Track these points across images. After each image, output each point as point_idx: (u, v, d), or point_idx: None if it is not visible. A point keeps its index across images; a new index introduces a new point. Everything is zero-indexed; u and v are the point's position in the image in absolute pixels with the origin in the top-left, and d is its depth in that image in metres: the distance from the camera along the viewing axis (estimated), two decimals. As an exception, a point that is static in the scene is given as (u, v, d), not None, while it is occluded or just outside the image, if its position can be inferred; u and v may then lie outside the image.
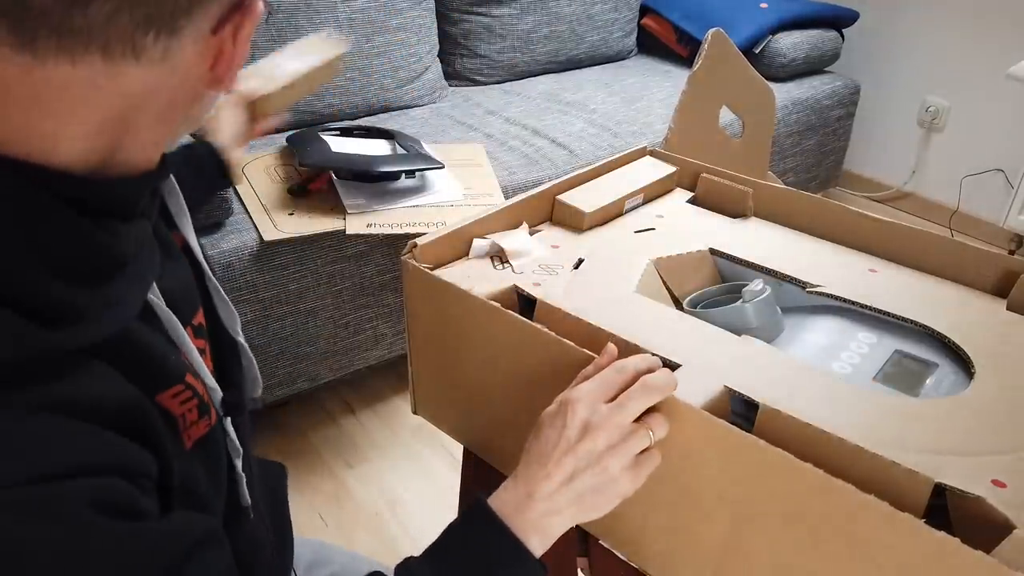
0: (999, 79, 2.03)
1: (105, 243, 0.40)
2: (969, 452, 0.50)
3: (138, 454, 0.40)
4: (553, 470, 0.51)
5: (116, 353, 0.41)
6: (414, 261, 0.69)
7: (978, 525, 0.46)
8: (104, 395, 0.39)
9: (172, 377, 0.46)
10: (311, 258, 1.33)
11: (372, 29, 1.74)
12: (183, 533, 0.41)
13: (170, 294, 0.48)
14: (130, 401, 0.40)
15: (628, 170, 0.88)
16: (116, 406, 0.39)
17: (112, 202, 0.41)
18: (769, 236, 0.80)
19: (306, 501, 1.41)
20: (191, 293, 0.53)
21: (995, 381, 0.58)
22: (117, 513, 0.37)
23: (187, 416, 0.47)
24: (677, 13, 2.20)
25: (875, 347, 0.65)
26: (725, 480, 0.53)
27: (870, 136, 2.45)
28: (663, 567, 0.60)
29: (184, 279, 0.53)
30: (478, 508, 0.53)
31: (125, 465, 0.38)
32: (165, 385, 0.45)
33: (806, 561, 0.50)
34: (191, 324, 0.52)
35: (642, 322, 0.63)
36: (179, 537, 0.40)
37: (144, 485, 0.40)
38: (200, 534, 0.42)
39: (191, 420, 0.48)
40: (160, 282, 0.47)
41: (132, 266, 0.42)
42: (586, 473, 0.51)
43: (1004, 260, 0.70)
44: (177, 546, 0.40)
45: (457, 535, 0.53)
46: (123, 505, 0.37)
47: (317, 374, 1.44)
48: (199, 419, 0.49)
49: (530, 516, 0.51)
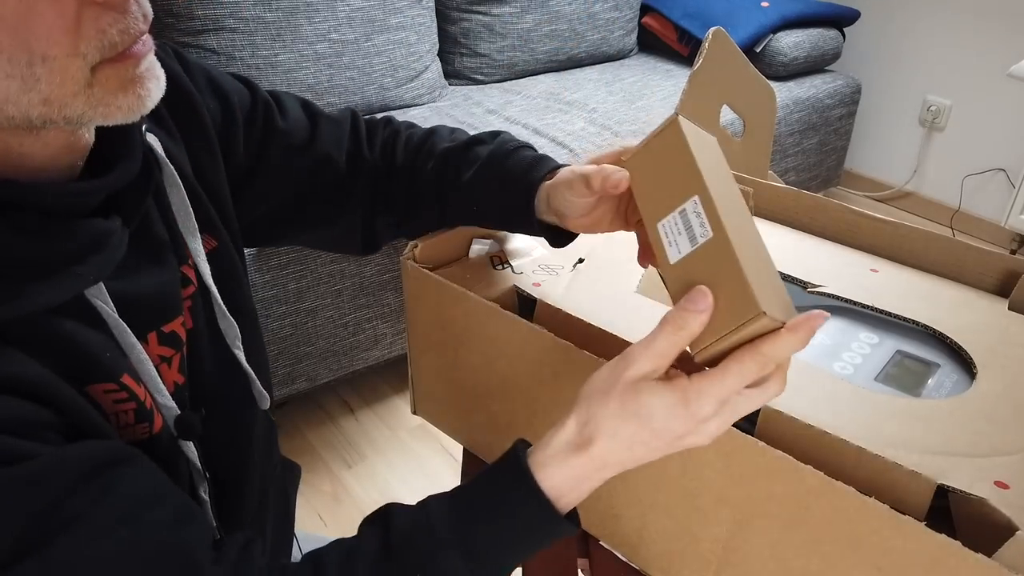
0: (1000, 78, 2.02)
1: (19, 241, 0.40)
2: (972, 453, 0.50)
3: (32, 411, 0.40)
4: (643, 455, 0.46)
5: (31, 342, 0.41)
6: (413, 261, 0.69)
7: (981, 527, 0.46)
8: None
9: (104, 373, 0.45)
10: (311, 258, 1.33)
11: (372, 28, 1.74)
12: (80, 457, 0.40)
13: (135, 297, 0.47)
14: (30, 378, 0.40)
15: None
16: (10, 381, 0.39)
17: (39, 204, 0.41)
18: (770, 236, 0.80)
19: (305, 501, 1.41)
20: (169, 300, 0.52)
21: (997, 381, 0.58)
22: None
23: (120, 416, 0.47)
24: (678, 12, 2.20)
25: (876, 347, 0.65)
26: (726, 482, 0.52)
27: (871, 135, 2.44)
28: (664, 569, 0.60)
29: (164, 285, 0.51)
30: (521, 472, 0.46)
31: (9, 420, 0.38)
32: (94, 379, 0.45)
33: (807, 563, 0.50)
34: (159, 330, 0.51)
35: (642, 322, 0.63)
36: (76, 460, 0.40)
37: (46, 437, 0.40)
38: (104, 457, 0.41)
39: (125, 422, 0.47)
40: (124, 283, 0.47)
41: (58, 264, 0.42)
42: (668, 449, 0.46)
43: (1006, 260, 0.70)
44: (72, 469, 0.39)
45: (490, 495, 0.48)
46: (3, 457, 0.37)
47: (316, 374, 1.44)
48: (135, 423, 0.47)
49: (590, 485, 0.47)
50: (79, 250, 0.43)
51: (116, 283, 0.46)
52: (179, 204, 0.54)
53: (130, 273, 0.47)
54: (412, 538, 0.46)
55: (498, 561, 0.47)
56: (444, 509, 0.48)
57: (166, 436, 0.50)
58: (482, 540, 0.46)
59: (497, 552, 0.47)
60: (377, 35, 1.75)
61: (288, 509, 0.74)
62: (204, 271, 0.55)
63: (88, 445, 0.41)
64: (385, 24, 1.76)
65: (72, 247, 0.42)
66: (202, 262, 0.55)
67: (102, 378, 0.45)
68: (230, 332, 0.58)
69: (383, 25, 1.76)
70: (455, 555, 0.45)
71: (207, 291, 0.56)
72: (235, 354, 0.59)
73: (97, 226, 0.44)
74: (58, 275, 0.42)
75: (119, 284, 0.46)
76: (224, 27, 1.54)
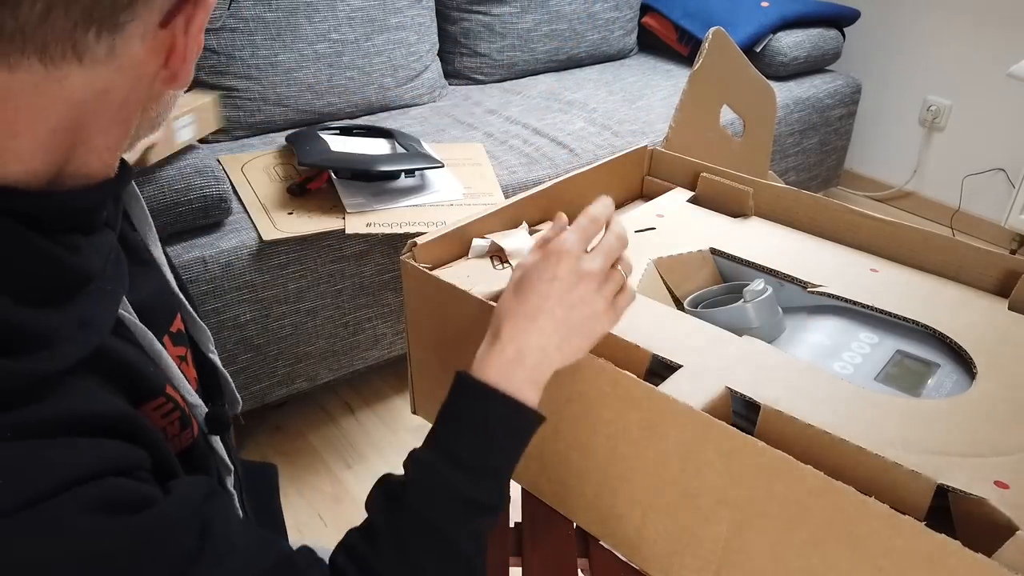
0: (1000, 78, 2.02)
1: (67, 260, 0.39)
2: (971, 453, 0.50)
3: (128, 450, 0.39)
4: (545, 322, 0.53)
5: (93, 369, 0.40)
6: (413, 261, 0.69)
7: (981, 527, 0.46)
8: (87, 411, 0.38)
9: (152, 390, 0.45)
10: (310, 258, 1.33)
11: (372, 27, 1.74)
12: (188, 498, 0.40)
13: (143, 303, 0.47)
14: (115, 413, 0.39)
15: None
16: (99, 419, 0.38)
17: (70, 216, 0.39)
18: (770, 236, 0.80)
19: (305, 501, 1.41)
20: (168, 299, 0.52)
21: (997, 381, 0.58)
22: (121, 510, 0.36)
23: (168, 430, 0.47)
24: (678, 12, 2.20)
25: (876, 347, 0.65)
26: (726, 481, 0.52)
27: (871, 135, 2.44)
28: (664, 568, 0.60)
29: (159, 285, 0.52)
30: (467, 384, 0.52)
31: (115, 463, 0.38)
32: (146, 398, 0.45)
33: (807, 563, 0.50)
34: (169, 332, 0.51)
35: (642, 322, 0.63)
36: (186, 503, 0.40)
37: (142, 476, 0.40)
38: (201, 493, 0.42)
39: (172, 433, 0.47)
40: (131, 292, 0.46)
41: (99, 281, 0.41)
42: (575, 318, 0.53)
43: (1005, 260, 0.70)
44: (188, 510, 0.39)
45: (454, 413, 0.52)
46: (125, 501, 0.37)
47: (316, 374, 1.44)
48: (181, 432, 0.48)
49: (523, 373, 0.52)
50: (105, 264, 0.42)
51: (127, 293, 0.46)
52: (139, 212, 0.53)
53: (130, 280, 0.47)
54: (411, 479, 0.50)
55: (487, 463, 0.51)
56: (423, 447, 0.52)
57: (200, 437, 0.51)
58: (462, 447, 0.51)
59: (480, 454, 0.51)
60: (377, 35, 1.75)
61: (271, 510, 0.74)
62: (169, 277, 0.55)
63: (182, 485, 0.42)
64: (385, 24, 1.76)
65: (100, 261, 0.41)
66: (166, 268, 0.55)
67: (152, 395, 0.45)
68: (202, 337, 0.58)
69: (383, 25, 1.76)
70: (449, 470, 0.49)
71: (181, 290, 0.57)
72: (211, 359, 0.59)
73: (110, 238, 0.43)
74: (102, 294, 0.41)
75: (128, 294, 0.46)
76: (224, 27, 1.54)
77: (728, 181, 0.85)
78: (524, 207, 0.79)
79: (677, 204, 0.86)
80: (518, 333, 0.53)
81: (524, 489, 0.70)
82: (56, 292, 0.38)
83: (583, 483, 0.63)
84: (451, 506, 0.49)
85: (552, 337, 0.53)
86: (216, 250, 1.24)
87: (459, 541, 0.49)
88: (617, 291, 0.55)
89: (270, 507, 0.74)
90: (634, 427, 0.56)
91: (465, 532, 0.49)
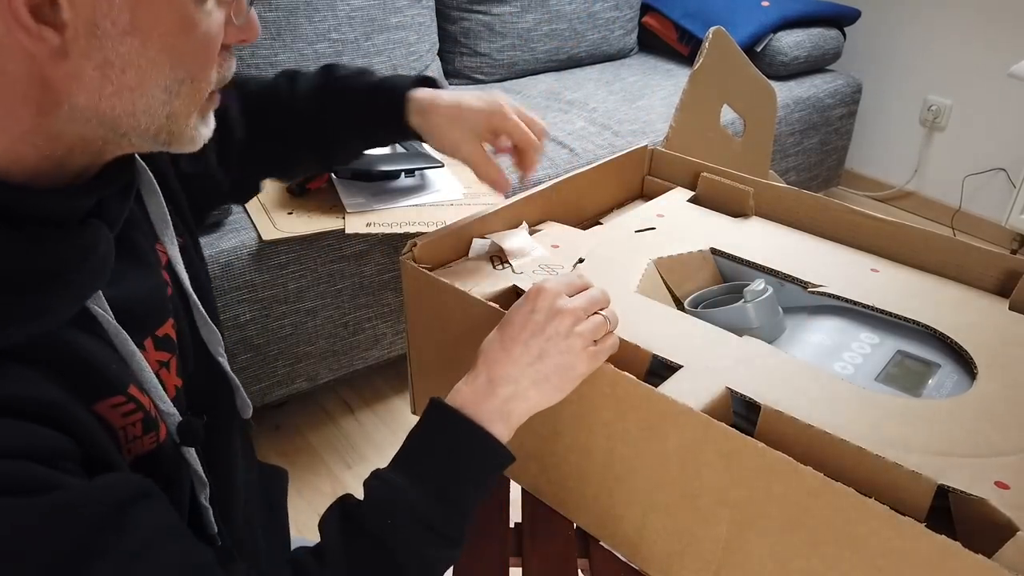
0: (1001, 78, 2.02)
1: (30, 252, 0.39)
2: (972, 453, 0.50)
3: (52, 438, 0.39)
4: (519, 353, 0.53)
5: (42, 359, 0.40)
6: (413, 261, 0.69)
7: (981, 527, 0.46)
8: (15, 394, 0.38)
9: (112, 387, 0.44)
10: (310, 257, 1.33)
11: (372, 27, 1.74)
12: (107, 490, 0.40)
13: (127, 302, 0.47)
14: (48, 400, 0.39)
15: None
16: (28, 404, 0.38)
17: (38, 210, 0.40)
18: (770, 236, 0.80)
19: (305, 501, 1.41)
20: (159, 303, 0.52)
21: (998, 381, 0.58)
22: (18, 492, 0.36)
23: (128, 430, 0.46)
24: (678, 11, 2.19)
25: (877, 347, 0.65)
26: (726, 482, 0.52)
27: (872, 135, 2.44)
28: (664, 569, 0.60)
29: (153, 288, 0.51)
30: (435, 407, 0.52)
31: (29, 447, 0.37)
32: (103, 394, 0.44)
33: (807, 564, 0.50)
34: (154, 335, 0.50)
35: (642, 322, 0.63)
36: (105, 495, 0.39)
37: (64, 466, 0.39)
38: (123, 493, 0.41)
39: (133, 434, 0.46)
40: (115, 289, 0.46)
41: (66, 275, 0.41)
42: (551, 353, 0.53)
43: (1006, 260, 0.70)
44: (104, 504, 0.39)
45: (420, 437, 0.52)
46: (31, 485, 0.37)
47: (316, 374, 1.44)
48: (143, 434, 0.47)
49: (493, 403, 0.52)
50: (78, 258, 0.42)
51: (108, 290, 0.45)
52: (156, 210, 0.53)
53: (119, 279, 0.46)
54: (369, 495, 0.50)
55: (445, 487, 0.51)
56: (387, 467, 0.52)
57: (169, 444, 0.50)
58: (423, 468, 0.51)
59: (439, 476, 0.51)
60: (377, 34, 1.75)
61: (277, 515, 0.73)
62: (183, 276, 0.55)
63: (111, 479, 0.41)
64: (385, 23, 1.76)
65: (72, 255, 0.41)
66: (180, 268, 0.55)
67: (110, 392, 0.44)
68: (212, 339, 0.58)
69: (383, 24, 1.76)
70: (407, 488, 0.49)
71: (184, 296, 0.56)
72: (219, 362, 0.59)
73: (92, 232, 0.43)
74: (64, 286, 0.41)
75: (111, 291, 0.45)
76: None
77: (728, 181, 0.85)
78: (524, 207, 0.79)
79: (677, 204, 0.86)
80: (492, 363, 0.53)
81: (524, 489, 0.70)
82: (14, 280, 0.39)
83: (583, 484, 0.63)
84: (405, 526, 0.48)
85: (526, 370, 0.53)
86: (216, 250, 1.24)
87: (407, 566, 0.48)
88: (598, 336, 0.56)
89: (278, 511, 0.73)
90: (634, 428, 0.56)
91: (415, 558, 0.48)
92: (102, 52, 0.39)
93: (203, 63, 0.43)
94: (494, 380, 0.53)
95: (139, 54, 0.40)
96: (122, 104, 0.41)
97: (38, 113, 0.39)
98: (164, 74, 0.41)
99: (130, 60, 0.40)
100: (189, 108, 0.44)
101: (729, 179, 0.85)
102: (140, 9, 0.39)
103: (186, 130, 0.44)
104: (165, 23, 0.40)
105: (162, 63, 0.41)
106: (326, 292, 1.37)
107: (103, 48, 0.39)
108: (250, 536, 0.65)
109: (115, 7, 0.38)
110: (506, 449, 0.52)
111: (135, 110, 0.41)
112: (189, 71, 0.42)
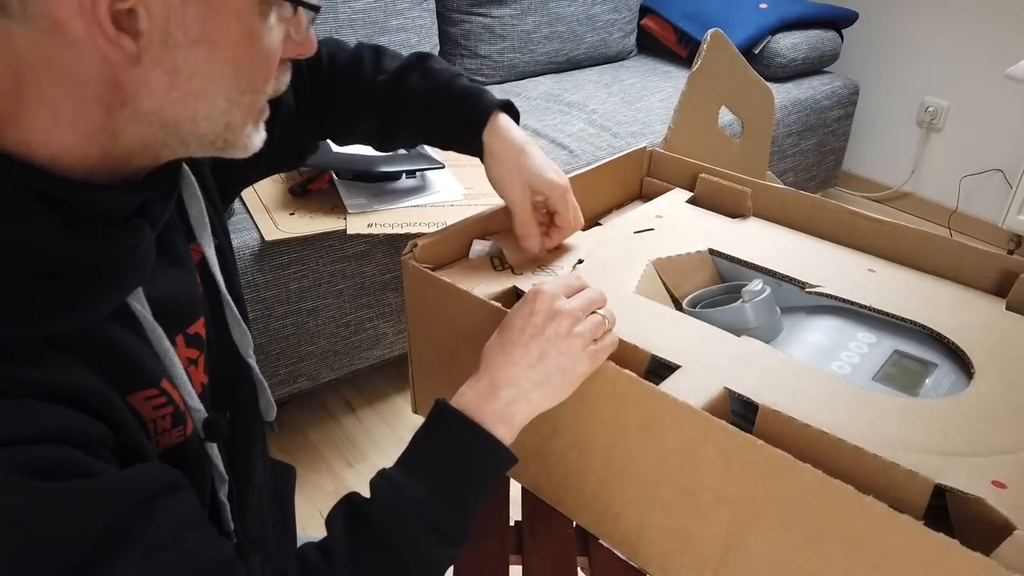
0: (998, 79, 2.03)
1: (82, 247, 0.40)
2: (969, 452, 0.50)
3: (90, 424, 0.40)
4: (520, 355, 0.54)
5: (83, 349, 0.41)
6: (414, 261, 0.69)
7: (978, 526, 0.47)
8: (58, 380, 0.39)
9: (146, 379, 0.46)
10: (312, 258, 1.33)
11: (373, 30, 1.74)
12: (139, 479, 0.41)
13: (163, 300, 0.48)
14: (87, 388, 0.40)
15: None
16: (69, 390, 0.39)
17: (93, 207, 0.41)
18: (768, 236, 0.80)
19: (307, 500, 1.41)
20: (192, 302, 0.53)
21: (995, 381, 0.58)
22: (57, 476, 0.37)
23: (158, 423, 0.47)
24: (677, 14, 2.20)
25: (874, 347, 0.65)
26: (725, 480, 0.53)
27: (869, 136, 2.45)
28: (663, 567, 0.60)
29: (187, 287, 0.52)
30: (440, 409, 0.53)
31: (68, 432, 0.38)
32: (137, 386, 0.45)
33: (805, 562, 0.50)
34: (185, 333, 0.51)
35: (641, 322, 0.63)
36: (136, 485, 0.40)
37: (100, 453, 0.40)
38: (154, 485, 0.41)
39: (163, 427, 0.47)
40: (153, 287, 0.47)
41: (109, 269, 0.42)
42: (551, 354, 0.54)
43: (1003, 260, 0.70)
44: (136, 493, 0.40)
45: (425, 438, 0.54)
46: (68, 469, 0.37)
47: (318, 373, 1.44)
48: (172, 427, 0.48)
49: (495, 406, 0.53)
50: (124, 255, 0.43)
51: (147, 287, 0.47)
52: (196, 212, 0.54)
53: (156, 277, 0.48)
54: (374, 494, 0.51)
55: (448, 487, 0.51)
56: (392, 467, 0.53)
57: (195, 439, 0.51)
58: (426, 468, 0.52)
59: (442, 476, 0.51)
60: (378, 37, 1.75)
61: (286, 512, 0.74)
62: (218, 277, 0.56)
63: (143, 469, 0.42)
64: (386, 26, 1.76)
65: (119, 252, 0.43)
66: (216, 269, 0.56)
67: (144, 384, 0.45)
68: (243, 342, 0.59)
69: (384, 27, 1.76)
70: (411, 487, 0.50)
71: (213, 296, 0.57)
72: (248, 363, 0.60)
73: (137, 231, 0.44)
74: (109, 282, 0.42)
75: (149, 288, 0.47)
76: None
77: (727, 182, 0.85)
78: (524, 208, 0.79)
79: (676, 205, 0.86)
80: (494, 367, 0.54)
81: (524, 488, 0.71)
82: (60, 270, 0.40)
83: (582, 482, 0.64)
84: (410, 525, 0.49)
85: (528, 372, 0.54)
86: (217, 251, 1.24)
87: (408, 564, 0.49)
88: (597, 336, 0.56)
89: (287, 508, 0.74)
90: (633, 426, 0.57)
91: (418, 556, 0.49)
92: (172, 60, 0.40)
93: (263, 75, 0.45)
94: (496, 383, 0.53)
95: (206, 63, 0.41)
96: (185, 110, 0.42)
97: (106, 114, 0.41)
98: (227, 83, 0.43)
99: (197, 68, 0.41)
100: (247, 117, 0.46)
101: (727, 180, 0.86)
102: (211, 21, 0.40)
103: (240, 138, 0.46)
104: (232, 35, 0.42)
105: (226, 73, 0.42)
106: (328, 292, 1.37)
107: (173, 56, 0.40)
108: (261, 532, 0.65)
109: (188, 18, 0.40)
110: (508, 451, 0.53)
111: (196, 116, 0.43)
112: (250, 82, 0.44)
